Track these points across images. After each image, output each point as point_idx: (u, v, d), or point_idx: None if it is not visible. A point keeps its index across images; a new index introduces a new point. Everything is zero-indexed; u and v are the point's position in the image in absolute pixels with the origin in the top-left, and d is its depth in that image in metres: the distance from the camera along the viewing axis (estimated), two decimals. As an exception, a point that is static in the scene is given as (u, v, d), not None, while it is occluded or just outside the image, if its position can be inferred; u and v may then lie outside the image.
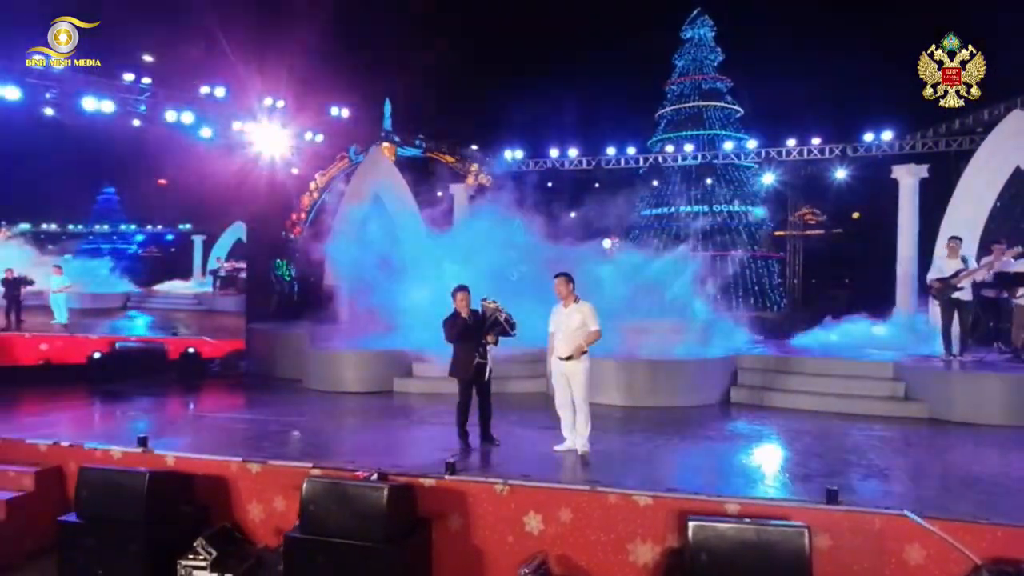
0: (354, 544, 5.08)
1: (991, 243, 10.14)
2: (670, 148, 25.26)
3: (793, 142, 21.43)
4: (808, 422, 8.45)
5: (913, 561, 4.75)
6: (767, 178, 23.78)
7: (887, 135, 19.45)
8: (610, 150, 22.83)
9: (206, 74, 14.78)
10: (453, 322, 6.89)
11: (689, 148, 24.63)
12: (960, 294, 9.55)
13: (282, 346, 12.43)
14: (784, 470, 6.51)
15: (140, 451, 6.53)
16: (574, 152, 22.75)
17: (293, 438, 7.74)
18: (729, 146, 26.06)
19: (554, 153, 22.70)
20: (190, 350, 12.25)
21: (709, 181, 28.30)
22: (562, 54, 36.31)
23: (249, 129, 14.79)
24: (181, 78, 14.47)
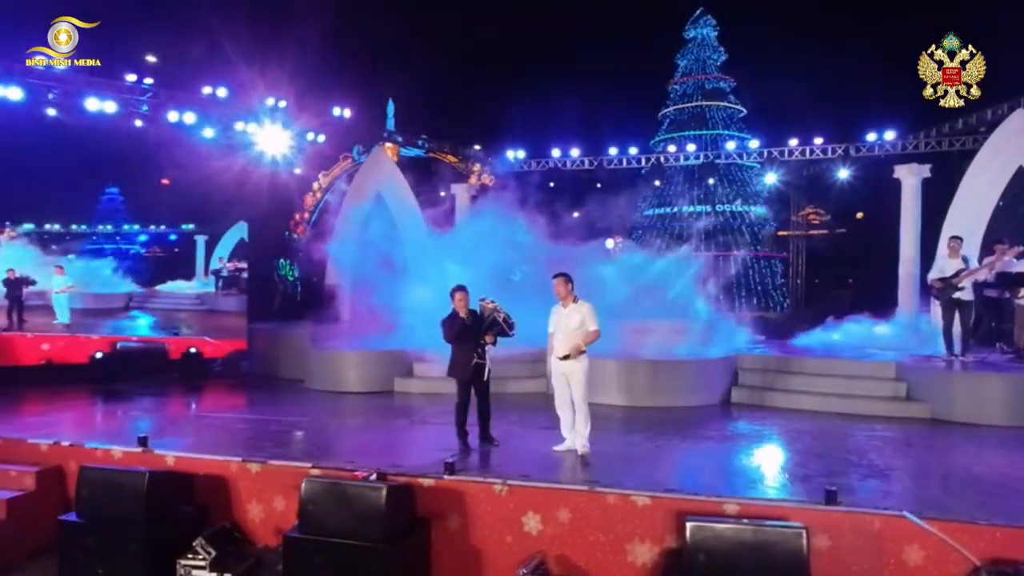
0: (353, 544, 5.09)
1: (993, 243, 10.12)
2: (672, 148, 25.18)
3: (795, 142, 21.38)
4: (809, 422, 8.43)
5: (912, 562, 4.74)
6: (770, 178, 23.74)
7: (889, 135, 19.40)
8: (612, 150, 22.80)
9: (208, 74, 14.84)
10: (451, 322, 6.88)
11: (691, 148, 24.60)
12: (961, 294, 9.52)
13: (284, 346, 12.47)
14: (784, 470, 6.51)
15: (140, 451, 6.56)
16: (576, 152, 22.74)
17: (294, 438, 7.76)
18: (732, 146, 25.99)
19: (556, 153, 22.69)
20: (191, 350, 12.28)
21: (712, 181, 28.20)
22: (564, 54, 36.26)
23: (252, 129, 14.81)
24: (183, 78, 14.54)
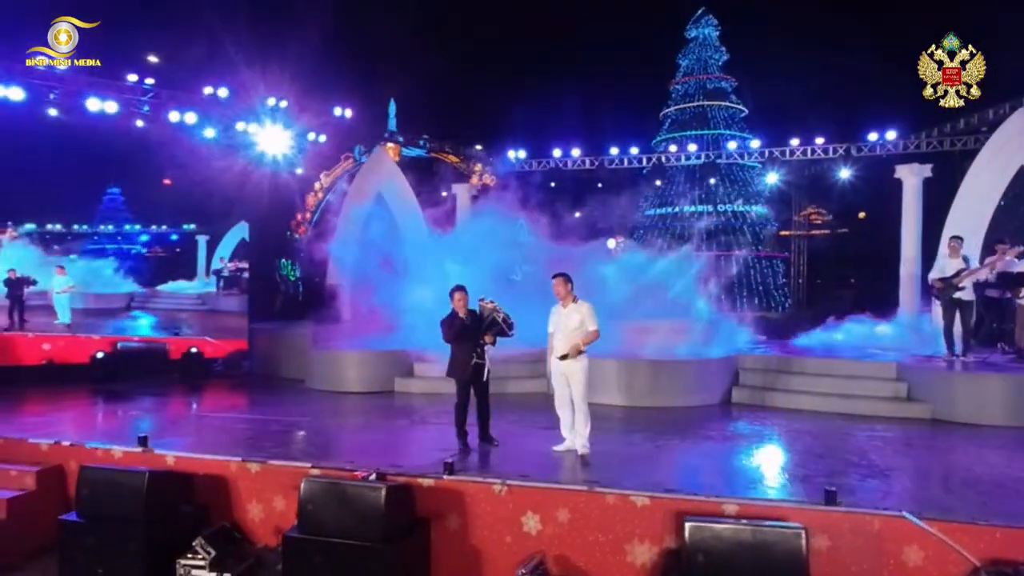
0: (352, 544, 5.10)
1: (995, 243, 10.10)
2: (674, 148, 25.16)
3: (797, 142, 21.36)
4: (809, 423, 8.42)
5: (912, 563, 4.74)
6: (771, 178, 23.72)
7: (891, 135, 19.38)
8: (613, 150, 22.80)
9: (209, 74, 14.84)
10: (451, 322, 6.88)
11: (693, 148, 24.57)
12: (962, 294, 9.52)
13: (285, 346, 12.47)
14: (784, 471, 6.50)
15: (140, 451, 6.56)
16: (577, 152, 22.74)
17: (294, 438, 7.77)
18: (733, 146, 25.95)
19: (557, 153, 22.69)
20: (192, 350, 12.29)
21: (713, 181, 28.14)
22: (565, 54, 36.23)
23: (253, 129, 14.83)
24: (184, 78, 14.53)
